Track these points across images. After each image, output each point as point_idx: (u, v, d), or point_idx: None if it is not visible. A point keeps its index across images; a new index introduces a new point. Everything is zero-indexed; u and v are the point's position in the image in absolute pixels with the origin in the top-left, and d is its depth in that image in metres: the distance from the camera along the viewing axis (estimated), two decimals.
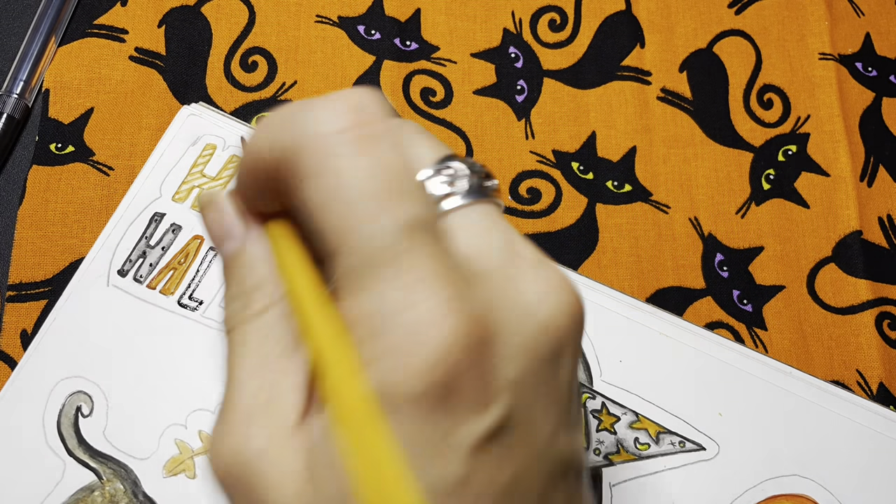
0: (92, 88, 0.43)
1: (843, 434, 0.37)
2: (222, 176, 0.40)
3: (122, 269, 0.38)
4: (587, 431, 0.36)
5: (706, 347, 0.38)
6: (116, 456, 0.35)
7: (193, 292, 0.38)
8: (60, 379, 0.36)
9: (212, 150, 0.40)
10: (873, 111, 0.46)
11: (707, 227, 0.43)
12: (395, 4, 0.46)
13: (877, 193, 0.44)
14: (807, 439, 0.37)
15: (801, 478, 0.36)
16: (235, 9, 0.45)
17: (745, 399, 0.37)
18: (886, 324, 0.41)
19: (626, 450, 0.36)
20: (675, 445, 0.36)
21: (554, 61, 0.46)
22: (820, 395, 0.37)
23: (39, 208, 0.40)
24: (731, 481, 0.36)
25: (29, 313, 0.38)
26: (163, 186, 0.39)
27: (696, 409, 0.37)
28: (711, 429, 0.37)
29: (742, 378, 0.37)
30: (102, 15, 0.44)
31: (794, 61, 0.46)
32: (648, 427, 0.37)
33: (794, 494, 0.36)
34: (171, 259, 0.38)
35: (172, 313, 0.37)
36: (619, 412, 0.37)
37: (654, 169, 0.44)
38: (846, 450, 0.37)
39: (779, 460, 0.36)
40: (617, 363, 0.37)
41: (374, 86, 0.44)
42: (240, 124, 0.41)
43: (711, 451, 0.36)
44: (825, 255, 0.43)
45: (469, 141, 0.44)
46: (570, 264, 0.41)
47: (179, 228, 0.39)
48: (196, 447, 0.35)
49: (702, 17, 0.47)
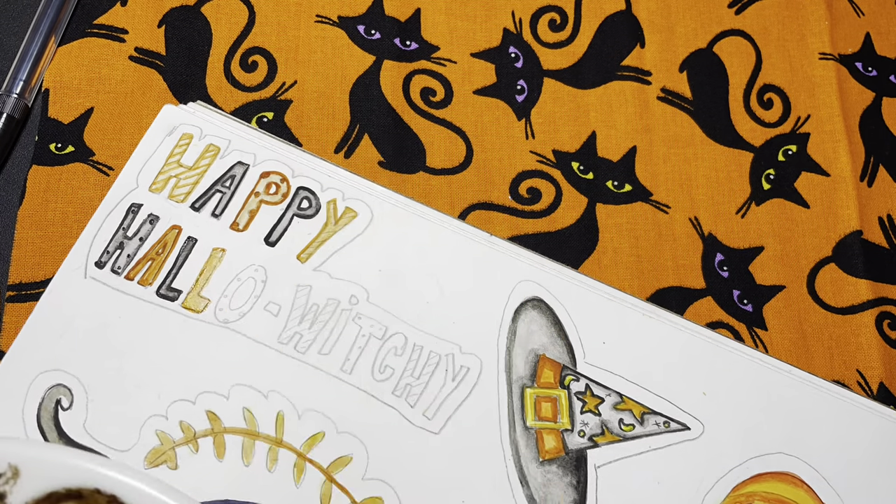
0: (92, 88, 0.43)
1: (828, 411, 0.37)
2: (199, 165, 0.39)
3: (99, 261, 0.38)
4: (571, 413, 0.36)
5: (689, 326, 0.38)
6: (97, 448, 0.35)
7: (172, 282, 0.38)
8: (39, 373, 0.36)
9: (188, 139, 0.40)
10: (873, 111, 0.46)
11: (707, 226, 0.43)
12: (395, 4, 0.46)
13: (877, 193, 0.44)
14: (792, 417, 0.37)
15: (787, 455, 0.36)
16: (235, 9, 0.45)
17: (728, 378, 0.37)
18: (887, 324, 0.41)
19: (611, 431, 0.36)
20: (660, 426, 0.36)
21: (554, 61, 0.46)
22: (804, 373, 0.38)
23: (39, 208, 0.40)
24: (716, 461, 0.36)
25: (29, 313, 0.38)
26: (139, 177, 0.39)
27: (680, 390, 0.37)
28: (696, 408, 0.37)
29: (725, 357, 0.38)
30: (102, 15, 0.44)
31: (794, 61, 0.46)
32: (633, 408, 0.37)
33: (779, 472, 0.36)
34: (148, 250, 0.38)
35: (151, 304, 0.37)
36: (602, 394, 0.37)
37: (655, 169, 0.44)
38: (831, 427, 0.37)
39: (764, 439, 0.36)
40: (600, 345, 0.38)
41: (374, 85, 0.44)
42: (239, 124, 0.41)
43: (696, 431, 0.36)
44: (825, 255, 0.43)
45: (469, 141, 0.44)
46: (570, 264, 0.41)
47: (157, 219, 0.38)
48: (177, 438, 0.35)
49: (702, 17, 0.47)
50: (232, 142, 0.40)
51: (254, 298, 0.37)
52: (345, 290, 0.38)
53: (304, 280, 0.38)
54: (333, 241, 0.39)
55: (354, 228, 0.39)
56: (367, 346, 0.37)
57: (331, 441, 0.36)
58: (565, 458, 0.36)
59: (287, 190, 0.39)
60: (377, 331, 0.37)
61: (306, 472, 0.35)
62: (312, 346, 0.37)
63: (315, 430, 0.36)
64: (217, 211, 0.39)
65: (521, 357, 0.37)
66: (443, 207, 0.42)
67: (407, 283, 0.38)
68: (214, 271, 0.38)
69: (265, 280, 0.38)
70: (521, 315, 0.38)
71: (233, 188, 0.39)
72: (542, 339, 0.38)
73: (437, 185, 0.43)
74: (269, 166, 0.40)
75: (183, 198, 0.39)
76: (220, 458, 0.35)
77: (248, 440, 0.35)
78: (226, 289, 0.37)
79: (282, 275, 0.38)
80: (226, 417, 0.36)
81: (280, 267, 0.38)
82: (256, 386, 0.36)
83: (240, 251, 0.38)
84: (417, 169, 0.43)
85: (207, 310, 0.37)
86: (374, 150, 0.43)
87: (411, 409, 0.36)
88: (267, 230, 0.39)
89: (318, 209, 0.39)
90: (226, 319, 0.37)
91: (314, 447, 0.35)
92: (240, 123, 0.41)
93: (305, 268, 0.38)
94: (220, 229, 0.39)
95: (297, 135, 0.43)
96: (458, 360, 0.37)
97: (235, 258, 0.38)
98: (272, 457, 0.35)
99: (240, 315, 0.37)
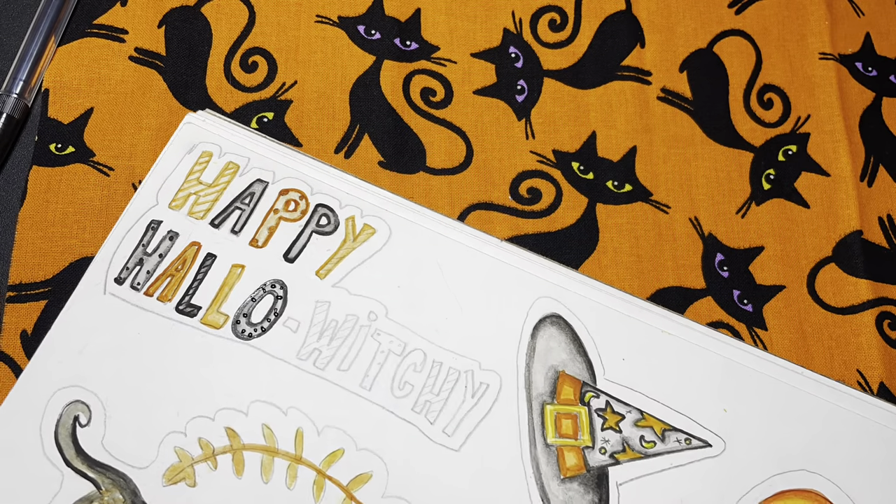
0: (92, 88, 0.43)
1: (851, 428, 0.37)
2: (219, 183, 0.39)
3: (118, 277, 0.38)
4: (592, 430, 0.36)
5: (708, 344, 0.38)
6: (115, 465, 0.35)
7: (191, 298, 0.38)
8: (57, 389, 0.36)
9: (208, 157, 0.40)
10: (873, 111, 0.46)
11: (707, 226, 0.43)
12: (395, 4, 0.46)
13: (877, 193, 0.44)
14: (814, 434, 0.36)
15: (810, 472, 0.36)
16: (235, 9, 0.45)
17: (749, 394, 0.37)
18: (887, 324, 0.41)
19: (632, 448, 0.36)
20: (681, 443, 0.36)
21: (554, 61, 0.46)
22: (825, 390, 0.37)
23: (40, 209, 0.40)
24: (738, 478, 0.36)
25: (29, 314, 0.38)
26: (159, 194, 0.39)
27: (700, 406, 0.37)
28: (717, 425, 0.36)
29: (745, 373, 0.37)
30: (102, 15, 0.44)
31: (794, 61, 0.46)
32: (654, 425, 0.36)
33: (802, 489, 0.36)
34: (168, 266, 0.38)
35: (170, 320, 0.37)
36: (623, 410, 0.37)
37: (655, 169, 0.44)
38: (854, 444, 0.36)
39: (786, 455, 0.36)
40: (620, 361, 0.37)
41: (374, 86, 0.44)
42: (243, 130, 0.41)
43: (718, 448, 0.36)
44: (825, 254, 0.43)
45: (469, 141, 0.44)
46: (570, 264, 0.41)
47: (177, 235, 0.38)
48: (196, 455, 0.35)
49: (702, 17, 0.47)
50: (251, 160, 0.40)
51: (273, 314, 0.37)
52: (364, 306, 0.38)
53: (323, 296, 0.38)
54: (352, 257, 0.39)
55: (373, 245, 0.39)
56: (386, 362, 0.37)
57: (350, 458, 0.35)
58: (586, 475, 0.36)
59: (306, 207, 0.39)
60: (396, 347, 0.37)
61: (326, 490, 0.35)
62: (332, 362, 0.37)
63: (335, 447, 0.36)
64: (236, 228, 0.39)
65: (541, 374, 0.37)
66: (443, 207, 0.42)
67: (426, 299, 0.38)
68: (234, 287, 0.38)
69: (284, 296, 0.38)
70: (539, 331, 0.38)
71: (252, 205, 0.39)
72: (562, 355, 0.37)
73: (437, 185, 0.43)
74: (288, 184, 0.40)
75: (202, 214, 0.39)
76: (240, 475, 0.35)
77: (268, 457, 0.35)
78: (245, 305, 0.38)
79: (301, 291, 0.38)
80: (245, 434, 0.35)
81: (299, 283, 0.38)
82: (275, 402, 0.36)
83: (259, 268, 0.38)
84: (417, 169, 0.43)
85: (226, 326, 0.37)
86: (374, 150, 0.43)
87: (431, 425, 0.36)
88: (286, 247, 0.39)
89: (337, 226, 0.39)
90: (245, 335, 0.37)
91: (334, 464, 0.35)
92: (251, 132, 0.41)
93: (324, 284, 0.38)
94: (239, 246, 0.38)
95: (297, 135, 0.43)
96: (477, 376, 0.37)
97: (255, 274, 0.38)
98: (291, 474, 0.35)
99: (259, 331, 0.37)
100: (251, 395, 0.36)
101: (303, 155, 0.40)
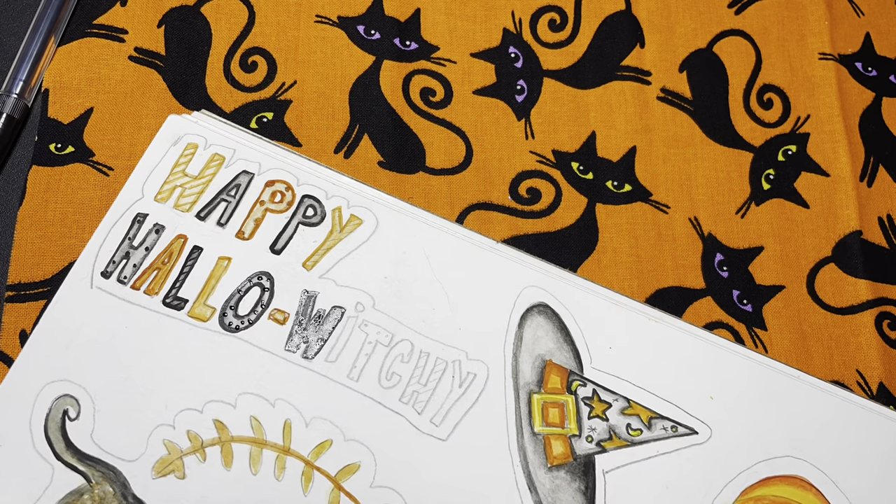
0: (91, 88, 0.43)
1: (835, 414, 0.37)
2: (204, 175, 0.39)
3: (105, 271, 0.38)
4: (579, 419, 0.36)
5: (694, 331, 0.38)
6: (105, 458, 0.35)
7: (178, 291, 0.38)
8: (46, 384, 0.36)
9: (193, 149, 0.40)
10: (873, 111, 0.46)
11: (707, 227, 0.43)
12: (394, 4, 0.46)
13: (877, 193, 0.44)
14: (799, 420, 0.37)
15: (795, 459, 0.36)
16: (235, 9, 0.45)
17: (736, 382, 0.37)
18: (886, 324, 0.41)
19: (619, 436, 0.36)
20: (668, 430, 0.36)
21: (554, 61, 0.46)
22: (810, 379, 0.38)
23: (39, 209, 0.40)
24: (724, 465, 0.36)
25: (28, 313, 0.38)
26: (145, 186, 0.39)
27: (687, 394, 0.37)
28: (703, 413, 0.37)
29: (732, 360, 0.38)
30: (102, 15, 0.44)
31: (794, 61, 0.46)
32: (640, 413, 0.37)
33: (788, 475, 0.36)
34: (154, 259, 0.38)
35: (157, 313, 0.37)
36: (610, 399, 0.37)
37: (654, 169, 0.44)
38: (839, 430, 0.37)
39: (772, 442, 0.36)
40: (607, 350, 0.38)
41: (374, 85, 0.44)
42: (244, 132, 0.41)
43: (704, 435, 0.36)
44: (825, 255, 0.43)
45: (469, 141, 0.44)
46: (569, 264, 0.41)
47: (163, 228, 0.38)
48: (185, 447, 0.35)
49: (702, 17, 0.47)
50: (237, 151, 0.40)
51: (260, 307, 0.37)
52: (351, 297, 0.38)
53: (310, 287, 0.38)
54: (339, 248, 0.39)
55: (360, 236, 0.39)
56: (373, 353, 0.37)
57: (338, 449, 0.35)
58: (573, 463, 0.36)
59: (292, 198, 0.39)
60: (383, 338, 0.37)
61: (314, 481, 0.35)
62: (319, 353, 0.37)
63: (322, 438, 0.36)
64: (223, 220, 0.39)
65: (528, 363, 0.37)
66: (443, 207, 0.42)
67: (412, 289, 0.38)
68: (220, 280, 0.38)
69: (271, 288, 0.38)
70: (527, 321, 0.38)
71: (238, 197, 0.39)
72: (549, 344, 0.37)
73: (437, 186, 0.43)
74: (274, 175, 0.40)
75: (188, 207, 0.39)
76: (228, 466, 0.35)
77: (256, 449, 0.35)
78: (232, 297, 0.38)
79: (288, 283, 0.38)
80: (233, 426, 0.36)
81: (286, 275, 0.38)
82: (263, 394, 0.36)
83: (246, 260, 0.38)
84: (417, 169, 0.43)
85: (213, 318, 0.37)
86: (374, 150, 0.43)
87: (419, 415, 0.36)
88: (272, 238, 0.39)
89: (324, 217, 0.39)
90: (232, 328, 0.37)
91: (322, 455, 0.35)
92: (245, 132, 0.41)
93: (311, 275, 0.38)
94: (225, 238, 0.38)
95: (296, 135, 0.43)
96: (464, 366, 0.37)
97: (241, 267, 0.38)
98: (280, 465, 0.35)
99: (246, 323, 0.37)
100: (239, 387, 0.36)
101: (295, 154, 0.40)
